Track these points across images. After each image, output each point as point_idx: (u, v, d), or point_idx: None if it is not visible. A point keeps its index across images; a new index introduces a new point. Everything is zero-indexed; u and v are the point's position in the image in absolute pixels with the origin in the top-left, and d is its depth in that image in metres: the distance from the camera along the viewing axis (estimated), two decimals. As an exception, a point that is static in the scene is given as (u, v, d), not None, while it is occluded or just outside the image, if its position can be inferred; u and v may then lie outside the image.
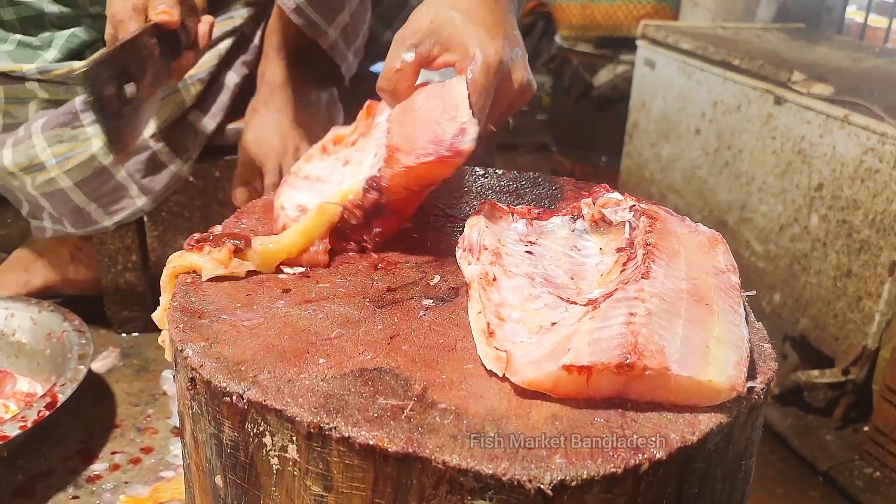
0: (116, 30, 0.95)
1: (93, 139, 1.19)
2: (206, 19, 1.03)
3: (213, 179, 1.29)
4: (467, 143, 0.69)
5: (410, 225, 0.81)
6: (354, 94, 1.40)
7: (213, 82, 1.24)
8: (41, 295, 1.32)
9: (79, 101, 1.18)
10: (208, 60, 1.22)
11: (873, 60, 2.03)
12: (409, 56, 0.76)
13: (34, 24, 1.22)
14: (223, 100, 1.25)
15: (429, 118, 0.71)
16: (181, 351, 0.59)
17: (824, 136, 1.66)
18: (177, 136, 1.24)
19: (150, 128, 1.20)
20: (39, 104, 1.21)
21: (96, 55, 0.89)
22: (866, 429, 1.60)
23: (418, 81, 0.78)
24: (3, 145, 1.19)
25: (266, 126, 1.18)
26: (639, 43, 2.25)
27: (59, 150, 1.18)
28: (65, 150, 1.18)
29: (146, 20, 0.95)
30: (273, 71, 1.20)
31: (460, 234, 0.78)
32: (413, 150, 0.70)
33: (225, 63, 1.25)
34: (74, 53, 1.21)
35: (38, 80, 1.20)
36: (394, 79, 0.77)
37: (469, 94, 0.72)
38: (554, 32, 2.91)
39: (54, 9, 1.19)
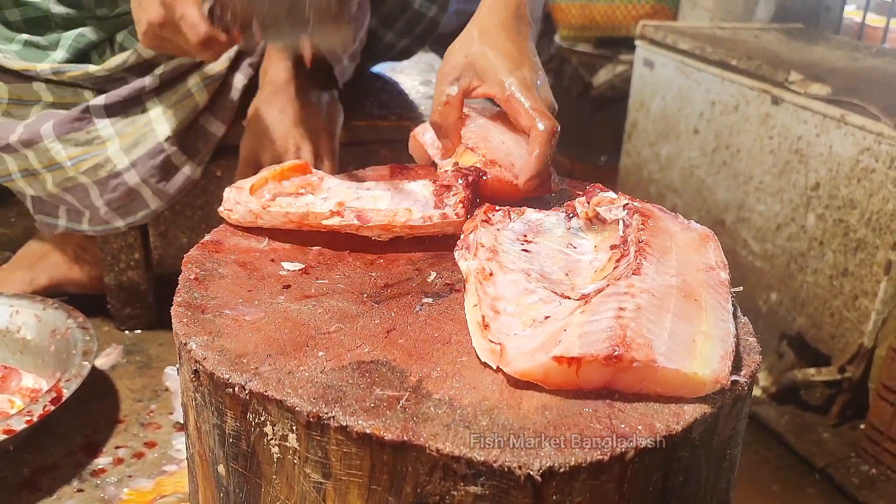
0: (174, 9, 0.93)
1: (107, 142, 1.20)
2: None
3: (215, 178, 1.31)
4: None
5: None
6: (355, 94, 1.42)
7: (223, 85, 1.26)
8: (46, 293, 1.33)
9: (93, 104, 1.19)
10: (218, 65, 1.23)
11: (871, 60, 2.04)
12: (453, 89, 0.89)
13: (40, 24, 1.23)
14: (232, 102, 1.27)
15: (518, 152, 0.86)
16: (185, 344, 0.61)
17: (821, 136, 1.68)
18: (189, 140, 1.26)
19: (165, 131, 1.21)
20: (43, 107, 1.22)
21: None
22: (863, 426, 1.61)
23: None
24: (7, 147, 1.20)
25: (267, 125, 1.19)
26: (637, 43, 2.26)
27: (75, 152, 1.19)
28: (80, 153, 1.20)
29: None
30: (275, 71, 1.21)
31: (456, 233, 0.79)
32: (510, 170, 0.85)
33: (233, 66, 1.26)
34: (82, 54, 1.22)
35: (49, 81, 1.21)
36: (445, 112, 0.89)
37: (519, 115, 0.86)
38: (553, 32, 2.92)
39: (60, 10, 1.20)
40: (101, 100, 1.19)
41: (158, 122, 1.22)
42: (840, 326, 1.66)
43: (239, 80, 1.26)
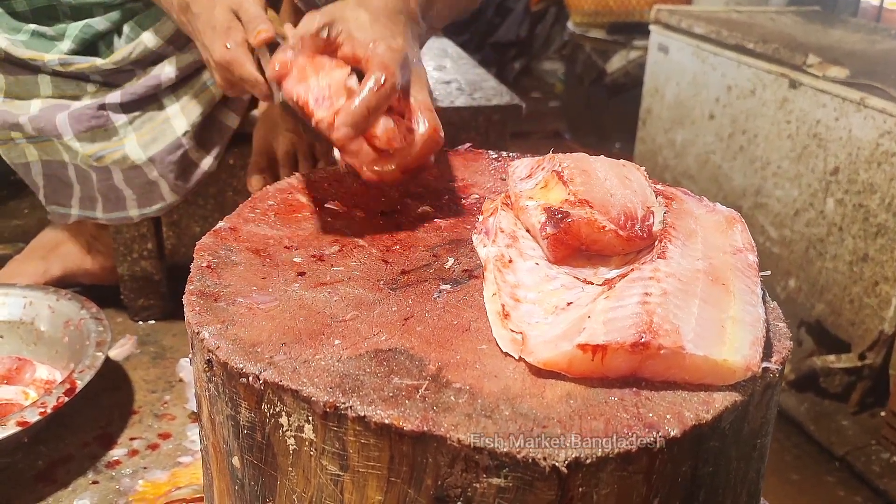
0: (232, 72, 0.93)
1: (125, 139, 1.19)
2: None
3: (228, 167, 1.30)
4: (658, 225, 0.66)
5: (430, 209, 0.81)
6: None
7: None
8: (59, 284, 1.33)
9: (109, 101, 1.18)
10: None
11: (889, 43, 2.01)
12: (316, 26, 0.80)
13: (47, 14, 1.22)
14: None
15: (622, 193, 0.68)
16: (198, 333, 0.59)
17: (840, 120, 1.65)
18: (206, 133, 1.24)
19: (183, 126, 1.20)
20: (42, 102, 1.20)
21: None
22: (883, 414, 1.59)
23: None
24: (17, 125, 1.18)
25: (280, 113, 1.18)
26: (652, 28, 2.24)
27: (93, 149, 1.18)
28: (98, 150, 1.19)
29: (249, 48, 0.94)
30: (284, 58, 1.20)
31: (474, 219, 0.78)
32: (607, 214, 0.65)
33: None
34: (89, 44, 1.21)
35: (54, 74, 1.19)
36: (302, 41, 0.80)
37: (385, 62, 0.75)
38: (566, 19, 2.90)
39: (69, -1, 1.19)
40: (116, 97, 1.18)
41: (176, 118, 1.20)
42: (860, 313, 1.63)
43: None
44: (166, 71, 1.18)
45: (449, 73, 1.53)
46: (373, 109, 0.74)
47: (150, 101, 1.20)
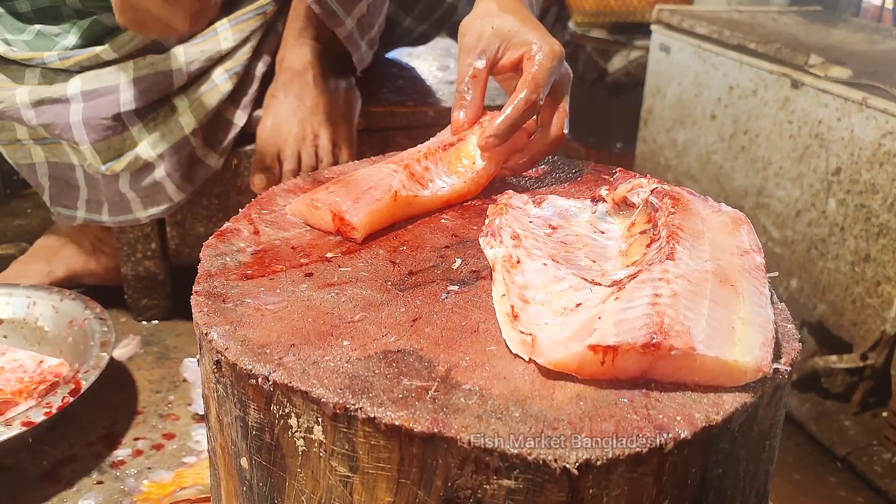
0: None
1: (138, 142, 1.19)
2: None
3: (232, 167, 1.30)
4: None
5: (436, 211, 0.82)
6: (371, 80, 1.41)
7: (245, 75, 1.24)
8: (63, 285, 1.32)
9: (124, 111, 1.17)
10: (243, 54, 1.22)
11: (891, 43, 2.01)
12: (481, 63, 0.87)
13: (51, 15, 1.21)
14: (252, 91, 1.25)
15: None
16: (206, 334, 0.59)
17: (842, 120, 1.65)
18: (212, 131, 1.24)
19: (191, 125, 1.20)
20: (29, 91, 1.18)
21: None
22: (885, 414, 1.59)
23: None
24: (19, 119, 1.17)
25: (284, 112, 1.18)
26: (653, 28, 2.24)
27: (108, 156, 1.18)
28: (113, 155, 1.18)
29: None
30: (292, 57, 1.20)
31: (480, 219, 0.78)
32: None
33: (256, 56, 1.25)
34: (95, 39, 1.20)
35: (44, 67, 1.18)
36: (472, 84, 0.88)
37: (538, 79, 0.83)
38: (567, 19, 2.90)
39: (73, -1, 1.18)
40: (130, 104, 1.17)
41: (184, 116, 1.20)
42: (862, 313, 1.63)
43: (260, 69, 1.25)
44: (177, 71, 1.18)
45: (453, 74, 1.53)
46: (517, 126, 0.85)
47: (163, 103, 1.20)
